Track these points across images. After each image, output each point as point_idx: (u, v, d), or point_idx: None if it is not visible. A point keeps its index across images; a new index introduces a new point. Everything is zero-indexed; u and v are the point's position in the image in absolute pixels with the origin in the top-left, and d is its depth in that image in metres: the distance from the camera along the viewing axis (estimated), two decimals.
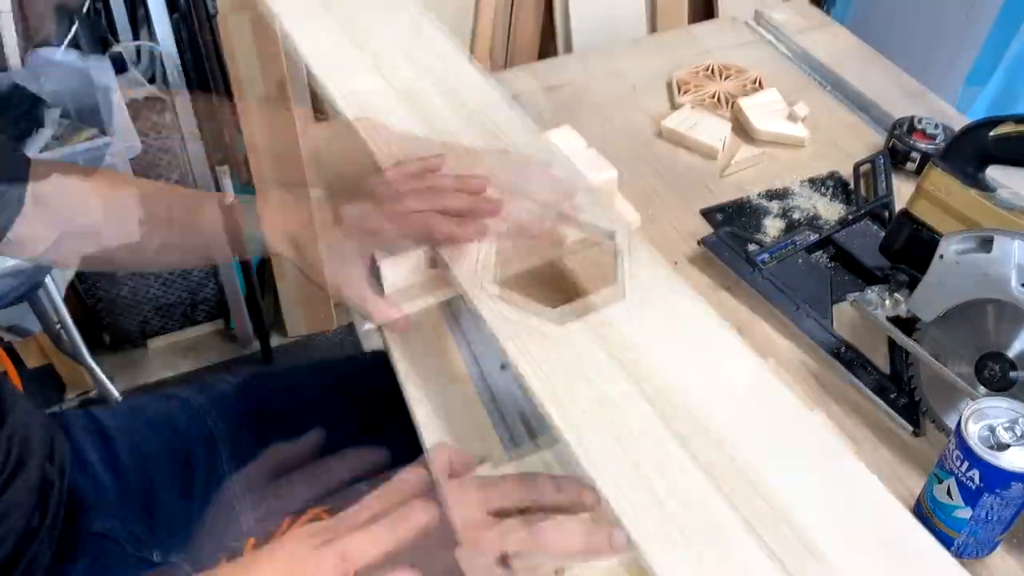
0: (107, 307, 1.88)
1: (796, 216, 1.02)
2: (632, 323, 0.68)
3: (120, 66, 1.56)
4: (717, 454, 0.59)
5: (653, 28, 1.75)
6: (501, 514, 0.57)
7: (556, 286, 0.77)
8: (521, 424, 0.79)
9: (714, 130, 1.12)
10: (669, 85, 1.22)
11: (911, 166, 1.06)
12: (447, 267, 0.74)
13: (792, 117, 1.14)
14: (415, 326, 0.87)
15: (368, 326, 0.89)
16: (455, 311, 0.90)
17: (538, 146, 0.86)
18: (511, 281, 0.73)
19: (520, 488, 0.58)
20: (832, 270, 0.95)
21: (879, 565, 0.55)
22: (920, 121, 1.06)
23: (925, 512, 0.70)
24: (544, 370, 0.64)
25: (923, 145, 1.05)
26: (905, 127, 1.07)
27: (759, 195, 1.05)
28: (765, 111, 1.15)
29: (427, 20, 1.03)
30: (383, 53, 0.98)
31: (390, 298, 0.76)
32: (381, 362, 0.90)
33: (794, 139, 1.12)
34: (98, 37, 1.59)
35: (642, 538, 0.54)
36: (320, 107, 1.79)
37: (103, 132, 1.39)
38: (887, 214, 0.99)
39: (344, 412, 0.94)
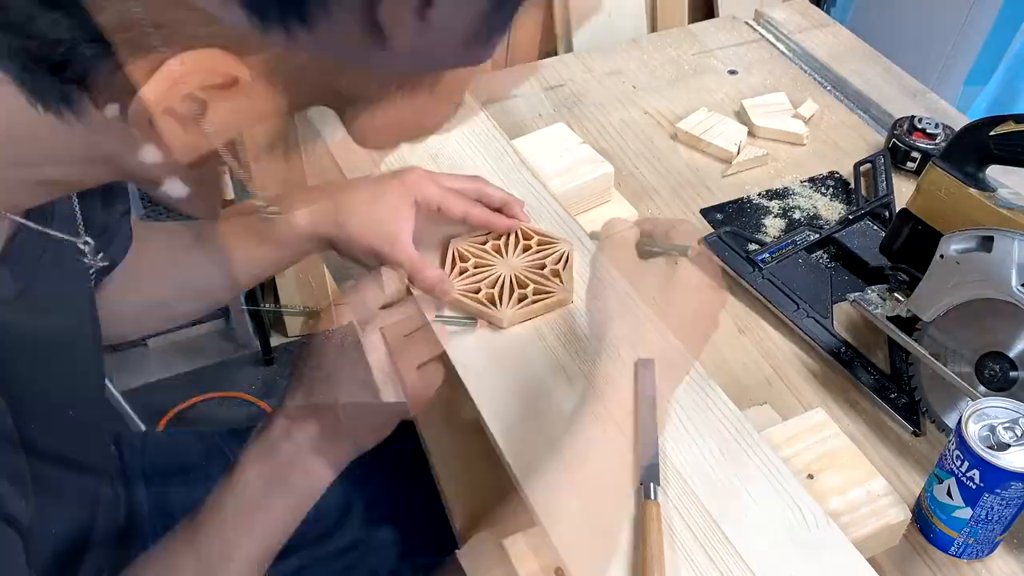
0: None
1: (796, 216, 1.02)
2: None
3: None
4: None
5: (653, 27, 1.74)
6: None
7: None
8: None
9: (730, 134, 1.11)
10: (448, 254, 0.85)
11: (911, 165, 1.06)
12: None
13: (798, 117, 1.14)
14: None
15: (370, 327, 0.89)
16: None
17: None
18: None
19: None
20: (832, 270, 0.95)
21: None
22: (920, 120, 1.06)
23: (925, 512, 0.70)
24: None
25: (923, 144, 1.05)
26: (905, 126, 1.07)
27: (759, 194, 1.05)
28: (769, 111, 1.15)
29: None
30: None
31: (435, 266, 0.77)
32: None
33: (793, 136, 1.12)
34: None
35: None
36: None
37: None
38: (887, 214, 0.99)
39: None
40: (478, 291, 0.74)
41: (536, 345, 0.72)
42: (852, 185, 1.06)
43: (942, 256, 0.73)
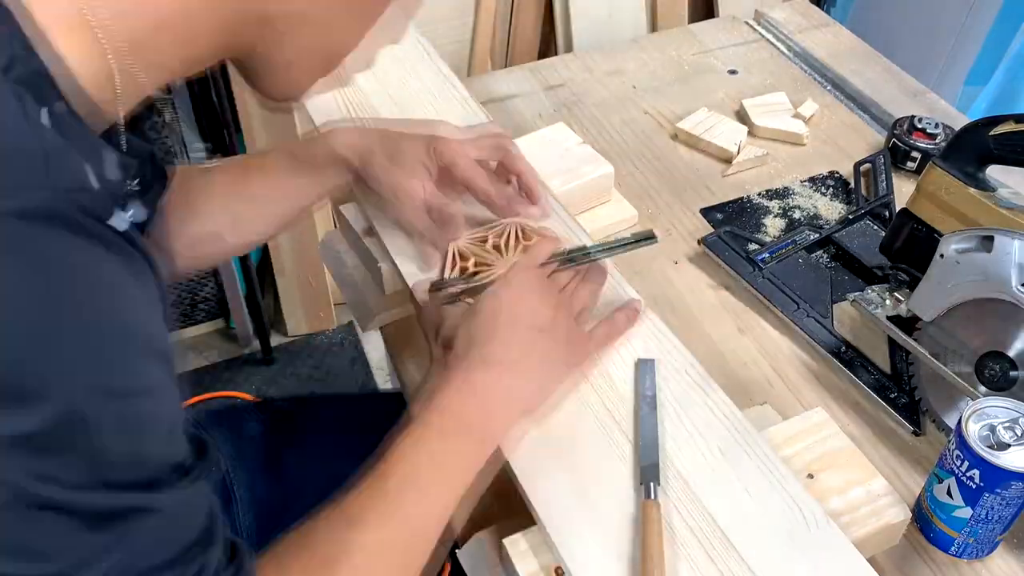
0: None
1: (796, 215, 1.02)
2: None
3: None
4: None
5: (653, 28, 1.75)
6: None
7: None
8: None
9: (730, 134, 1.11)
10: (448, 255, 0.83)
11: (911, 165, 1.06)
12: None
13: (798, 117, 1.14)
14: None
15: (370, 327, 0.90)
16: None
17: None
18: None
19: None
20: (832, 269, 0.95)
21: None
22: (920, 120, 1.06)
23: (925, 512, 0.70)
24: None
25: (923, 144, 1.05)
26: (905, 126, 1.07)
27: (759, 194, 1.05)
28: (769, 111, 1.15)
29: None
30: None
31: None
32: (397, 398, 0.90)
33: (793, 136, 1.12)
34: None
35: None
36: None
37: None
38: (887, 213, 0.99)
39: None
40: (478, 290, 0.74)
41: None
42: (852, 185, 1.06)
43: (942, 256, 0.73)
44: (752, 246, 0.95)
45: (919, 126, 1.06)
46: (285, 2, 0.52)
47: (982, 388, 0.72)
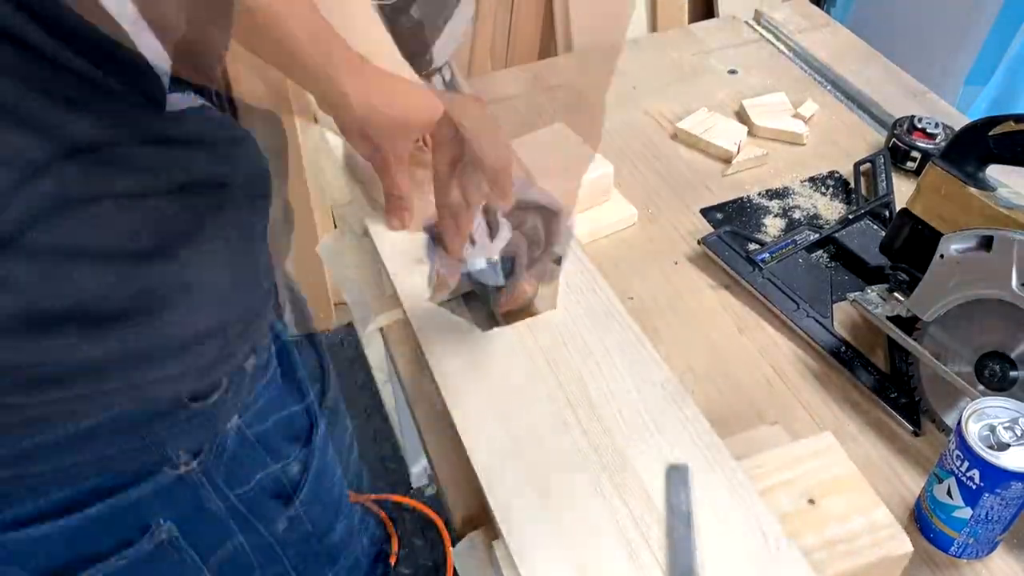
0: None
1: (796, 215, 1.02)
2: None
3: None
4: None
5: (653, 28, 1.75)
6: None
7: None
8: None
9: (730, 134, 1.11)
10: None
11: (911, 165, 1.06)
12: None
13: (798, 117, 1.14)
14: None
15: (370, 327, 0.90)
16: None
17: None
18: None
19: None
20: (832, 269, 0.95)
21: None
22: (920, 120, 1.06)
23: (925, 512, 0.70)
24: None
25: (923, 144, 1.05)
26: (905, 126, 1.07)
27: (759, 194, 1.05)
28: (769, 111, 1.15)
29: None
30: None
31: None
32: None
33: (793, 135, 1.12)
34: None
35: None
36: None
37: None
38: (887, 213, 0.99)
39: None
40: None
41: (519, 354, 0.72)
42: (852, 185, 1.06)
43: (942, 256, 0.73)
44: (752, 246, 0.95)
45: (919, 126, 1.06)
46: None
47: (982, 388, 0.72)
